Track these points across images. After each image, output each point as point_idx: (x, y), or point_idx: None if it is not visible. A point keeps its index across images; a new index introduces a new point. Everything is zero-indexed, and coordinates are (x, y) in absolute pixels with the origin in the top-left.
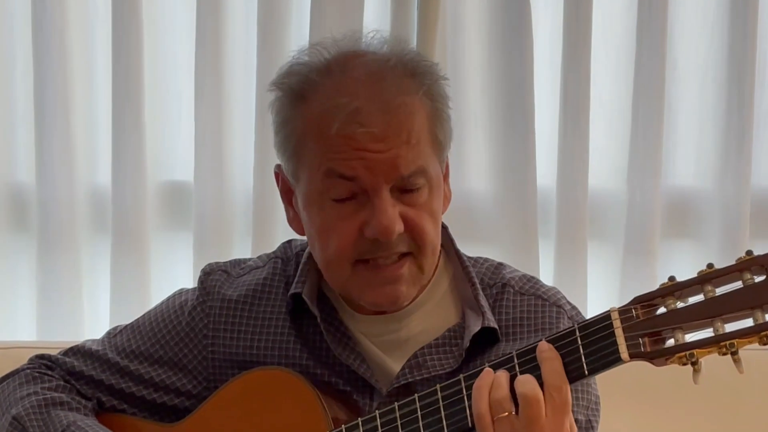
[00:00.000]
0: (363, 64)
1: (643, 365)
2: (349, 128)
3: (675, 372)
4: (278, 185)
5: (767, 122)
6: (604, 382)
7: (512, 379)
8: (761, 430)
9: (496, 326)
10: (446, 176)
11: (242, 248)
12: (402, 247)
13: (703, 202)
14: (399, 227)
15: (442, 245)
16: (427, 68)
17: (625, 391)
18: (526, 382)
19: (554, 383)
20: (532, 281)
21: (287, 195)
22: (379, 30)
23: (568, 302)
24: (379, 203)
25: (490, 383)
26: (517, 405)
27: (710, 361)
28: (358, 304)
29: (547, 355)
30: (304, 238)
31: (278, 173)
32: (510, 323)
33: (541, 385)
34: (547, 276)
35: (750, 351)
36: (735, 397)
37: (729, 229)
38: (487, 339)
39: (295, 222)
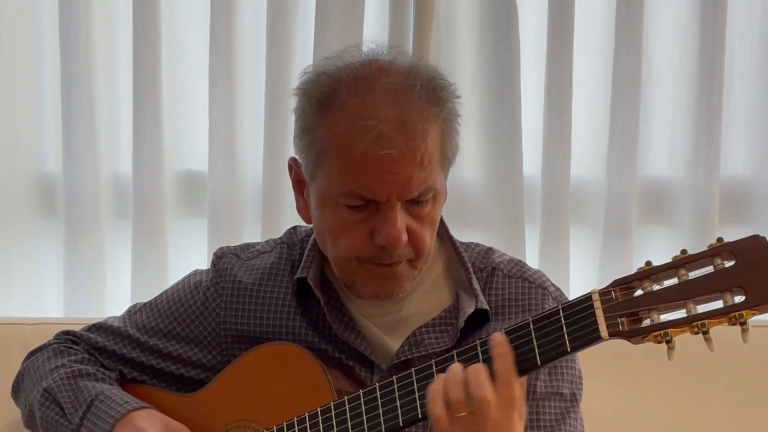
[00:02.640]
0: (388, 85)
1: (621, 344)
2: (372, 149)
3: (651, 350)
4: (291, 176)
5: (735, 117)
6: (584, 359)
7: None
8: (730, 403)
9: (487, 308)
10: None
11: (252, 233)
12: (403, 256)
13: (676, 190)
14: (405, 238)
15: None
16: (447, 94)
17: (603, 367)
18: (477, 383)
19: (505, 378)
20: (519, 265)
21: (299, 186)
22: (402, 46)
23: (553, 284)
24: (391, 216)
25: (442, 388)
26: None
27: (683, 339)
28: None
29: (500, 350)
30: (310, 225)
31: (292, 166)
32: (499, 304)
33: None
34: (532, 258)
35: (719, 327)
36: (706, 373)
37: (700, 214)
38: (478, 319)
39: (303, 212)
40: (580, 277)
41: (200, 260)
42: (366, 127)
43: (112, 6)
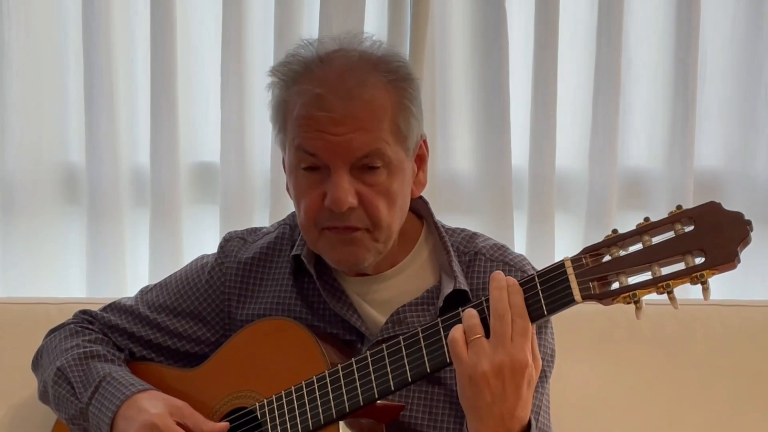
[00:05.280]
0: (339, 58)
1: (602, 322)
2: (310, 111)
3: (629, 329)
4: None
5: (708, 111)
6: (567, 337)
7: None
8: (702, 377)
9: (467, 288)
10: (422, 164)
11: (261, 220)
12: (357, 222)
13: (653, 179)
14: (351, 201)
15: (424, 218)
16: (397, 66)
17: (585, 345)
18: (498, 301)
19: (519, 311)
20: (502, 249)
21: (285, 167)
22: (373, 34)
23: (532, 267)
24: (336, 178)
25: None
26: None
27: (659, 319)
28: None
29: (515, 289)
30: None
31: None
32: (480, 286)
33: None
34: (520, 242)
35: (691, 306)
36: (680, 350)
37: (675, 202)
38: (459, 300)
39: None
40: None
41: (212, 245)
42: (306, 91)
43: (131, 8)
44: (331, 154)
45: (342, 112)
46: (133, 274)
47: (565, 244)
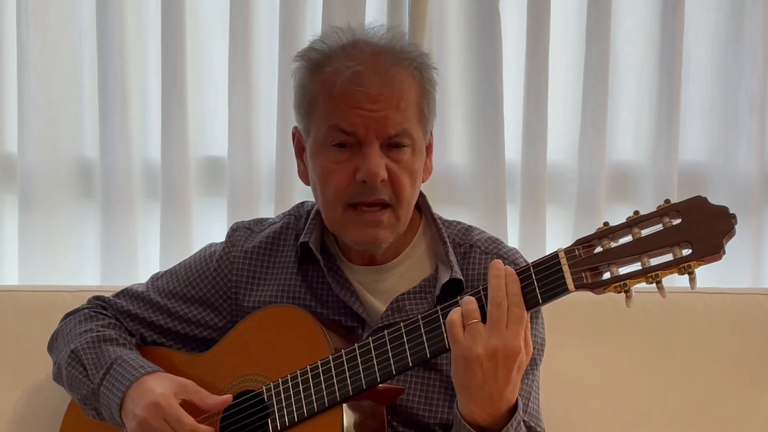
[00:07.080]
0: (369, 43)
1: (592, 308)
2: (349, 87)
3: (617, 314)
4: (294, 144)
5: (692, 108)
6: (558, 322)
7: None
8: (686, 360)
9: (462, 278)
10: (429, 152)
11: (266, 212)
12: (384, 195)
13: (639, 173)
14: (383, 174)
15: (422, 211)
16: (419, 54)
17: (575, 329)
18: (496, 289)
19: (515, 300)
20: (496, 242)
21: (300, 152)
22: (386, 25)
23: (525, 260)
24: (369, 152)
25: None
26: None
27: (646, 306)
28: (352, 255)
29: (512, 278)
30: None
31: (295, 133)
32: (475, 277)
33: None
34: (513, 233)
35: (676, 293)
36: (666, 335)
37: (661, 195)
38: (455, 290)
39: (303, 176)
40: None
41: (220, 235)
42: (345, 68)
43: (143, 11)
44: (365, 129)
45: (378, 88)
46: (144, 263)
47: (555, 235)
